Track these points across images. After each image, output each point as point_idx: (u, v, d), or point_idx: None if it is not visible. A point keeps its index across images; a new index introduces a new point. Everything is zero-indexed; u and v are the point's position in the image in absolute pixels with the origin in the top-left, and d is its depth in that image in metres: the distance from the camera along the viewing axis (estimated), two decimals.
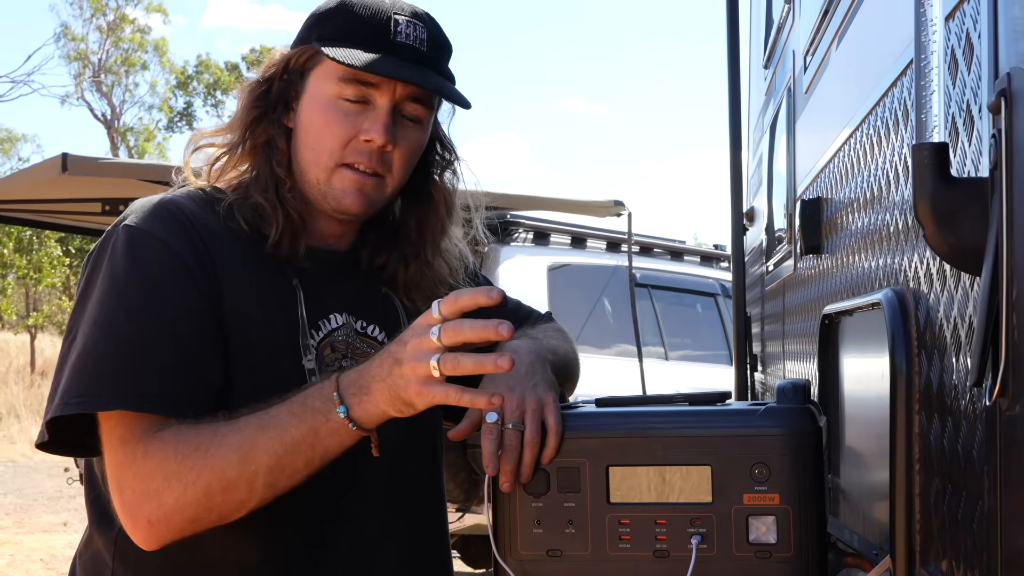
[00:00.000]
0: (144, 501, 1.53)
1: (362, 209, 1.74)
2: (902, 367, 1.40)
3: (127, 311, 1.58)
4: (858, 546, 1.72)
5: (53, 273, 23.29)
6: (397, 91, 1.71)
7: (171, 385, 1.56)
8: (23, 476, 13.80)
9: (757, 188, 4.52)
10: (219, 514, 1.55)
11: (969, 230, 1.05)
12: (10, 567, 8.48)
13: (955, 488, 1.23)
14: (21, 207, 7.55)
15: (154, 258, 1.61)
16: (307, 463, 1.54)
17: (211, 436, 1.53)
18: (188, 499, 1.52)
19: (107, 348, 1.57)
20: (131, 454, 1.54)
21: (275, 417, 1.52)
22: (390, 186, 1.75)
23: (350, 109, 1.70)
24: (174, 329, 1.59)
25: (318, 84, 1.72)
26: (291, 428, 1.52)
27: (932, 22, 1.09)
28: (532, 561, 1.55)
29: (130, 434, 1.55)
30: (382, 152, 1.71)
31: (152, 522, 1.54)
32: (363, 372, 1.52)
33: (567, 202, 7.58)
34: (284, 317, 1.69)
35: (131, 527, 1.57)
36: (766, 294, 3.95)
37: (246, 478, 1.52)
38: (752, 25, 5.05)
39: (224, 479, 1.52)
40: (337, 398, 1.51)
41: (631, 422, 1.55)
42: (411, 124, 1.74)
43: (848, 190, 1.99)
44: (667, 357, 7.99)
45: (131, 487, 1.55)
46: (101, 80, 34.98)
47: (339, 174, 1.71)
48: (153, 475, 1.53)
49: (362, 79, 1.69)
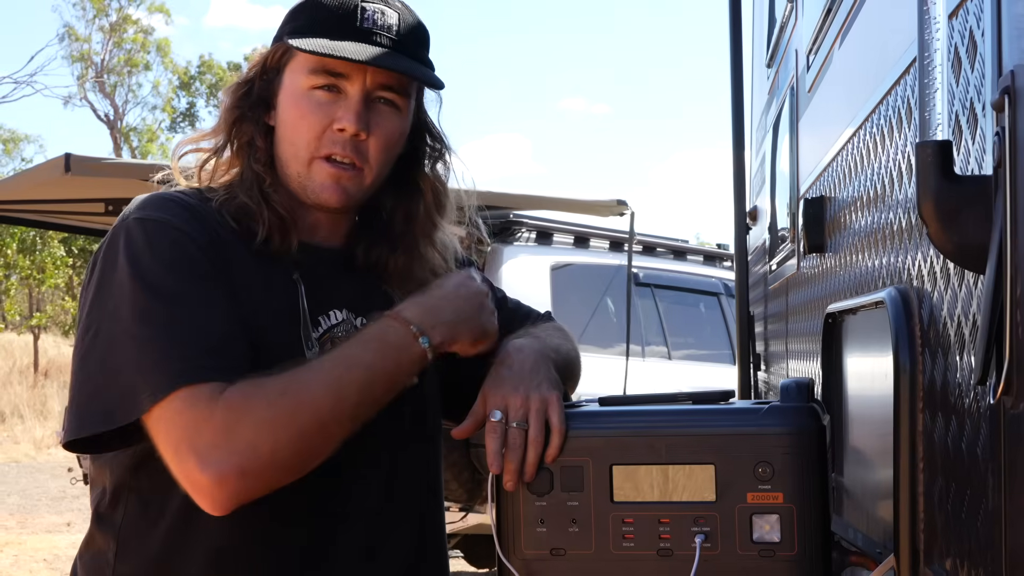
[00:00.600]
0: (233, 453, 1.49)
1: (341, 202, 1.73)
2: (906, 365, 1.40)
3: (159, 296, 1.56)
4: (862, 545, 1.72)
5: (56, 274, 23.29)
6: (367, 78, 1.70)
7: (220, 356, 1.55)
8: (27, 476, 13.82)
9: (760, 187, 4.52)
10: (309, 457, 1.55)
11: (973, 228, 1.05)
12: (14, 567, 8.49)
13: (959, 486, 1.23)
14: (24, 207, 7.56)
15: (173, 244, 1.60)
16: (389, 391, 1.61)
17: (291, 379, 1.54)
18: (282, 443, 1.51)
19: (149, 333, 1.54)
20: (206, 412, 1.49)
21: (354, 356, 1.59)
22: (368, 177, 1.74)
23: (323, 99, 1.70)
24: (208, 307, 1.58)
25: (292, 78, 1.73)
26: (376, 364, 1.59)
27: (935, 20, 1.09)
28: (536, 560, 1.55)
29: (197, 399, 1.50)
30: (356, 141, 1.71)
31: (246, 473, 1.49)
32: (428, 300, 1.68)
33: (570, 202, 7.58)
34: (286, 310, 1.69)
35: (213, 486, 1.50)
36: (769, 293, 3.95)
37: (338, 415, 1.55)
38: (755, 24, 5.05)
39: (318, 419, 1.53)
40: (416, 330, 1.62)
41: (635, 421, 1.55)
42: (387, 111, 1.73)
43: (851, 189, 1.99)
44: (670, 356, 7.99)
45: (212, 441, 1.49)
46: (104, 81, 34.99)
47: (317, 166, 1.71)
48: (241, 423, 1.49)
49: (331, 68, 1.69)
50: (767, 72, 4.29)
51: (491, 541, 1.59)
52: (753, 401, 1.61)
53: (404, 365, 1.61)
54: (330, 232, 1.80)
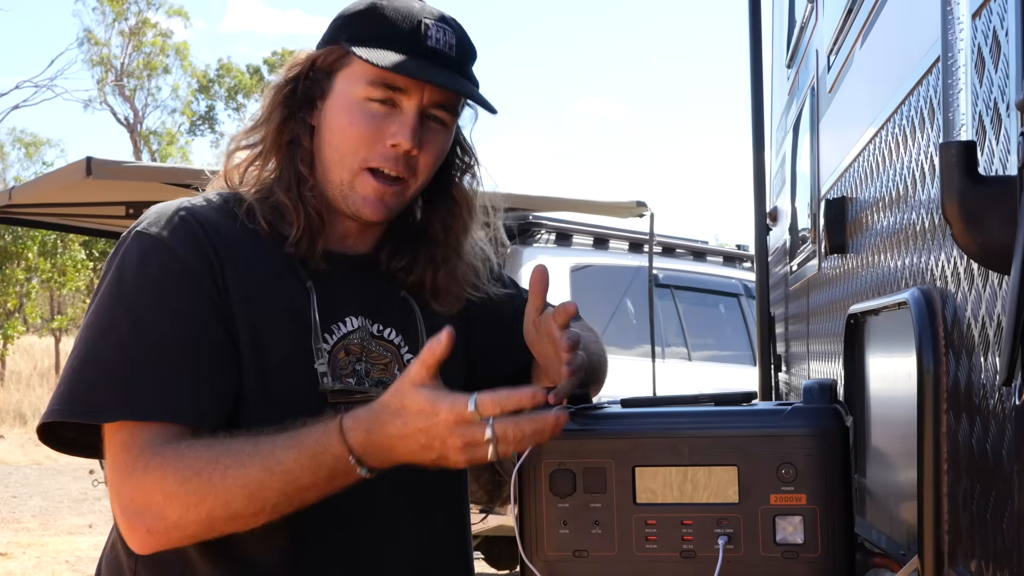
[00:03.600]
0: (144, 512, 1.54)
1: (380, 217, 1.74)
2: (929, 366, 1.39)
3: (131, 318, 1.59)
4: (886, 546, 1.72)
5: (77, 276, 23.40)
6: (425, 96, 1.70)
7: (175, 394, 1.57)
8: (48, 478, 13.88)
9: (780, 188, 4.51)
10: (221, 532, 1.57)
11: (997, 228, 1.04)
12: (36, 569, 8.53)
13: (984, 488, 1.23)
14: (46, 211, 7.61)
15: (163, 266, 1.62)
16: (314, 498, 1.55)
17: (213, 464, 1.52)
18: (190, 519, 1.53)
19: (110, 355, 1.58)
20: (132, 464, 1.55)
21: (282, 463, 1.51)
22: (412, 189, 1.75)
23: (377, 111, 1.70)
24: (179, 337, 1.59)
25: (345, 85, 1.72)
26: (303, 477, 1.51)
27: (959, 20, 1.09)
28: (558, 562, 1.55)
29: (132, 442, 1.56)
30: (408, 156, 1.71)
31: (152, 532, 1.55)
32: (380, 435, 1.48)
33: (590, 203, 7.58)
34: (296, 321, 1.69)
35: (128, 532, 1.58)
36: (790, 294, 3.94)
37: (252, 511, 1.54)
38: (775, 24, 5.04)
39: (228, 510, 1.53)
40: (355, 462, 1.50)
41: (657, 422, 1.55)
42: (437, 128, 1.74)
43: (873, 189, 1.99)
44: (690, 358, 7.98)
45: (130, 496, 1.55)
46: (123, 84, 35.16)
47: (362, 179, 1.71)
48: (152, 491, 1.54)
49: (390, 82, 1.69)
50: (787, 73, 4.28)
51: (511, 542, 1.59)
52: (776, 402, 1.61)
53: (335, 483, 1.53)
54: (357, 241, 1.80)
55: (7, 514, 11.16)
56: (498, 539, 6.85)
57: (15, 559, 8.88)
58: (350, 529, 1.70)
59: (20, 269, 22.87)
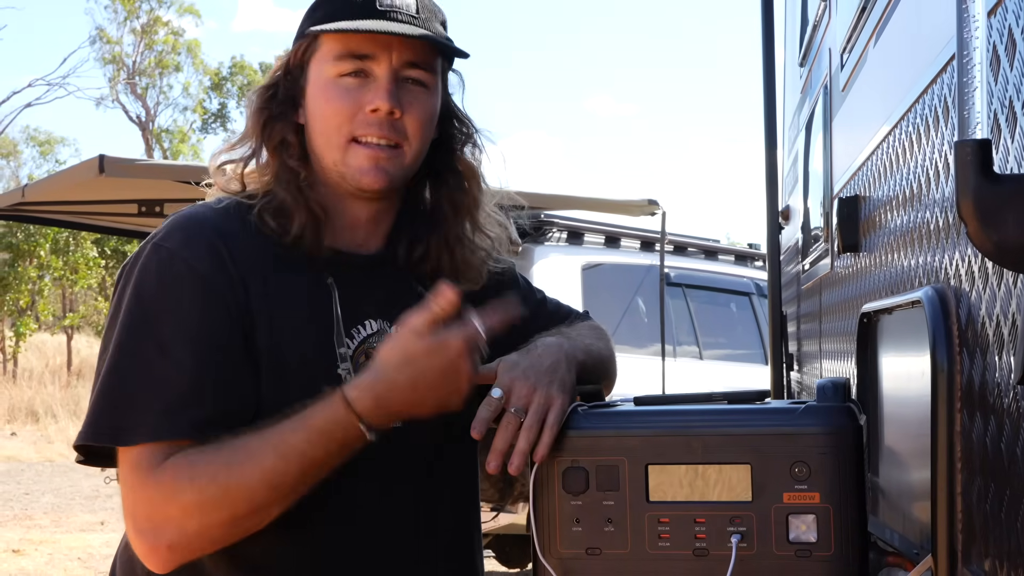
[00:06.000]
0: (162, 529, 1.55)
1: (382, 183, 1.72)
2: (943, 365, 1.39)
3: (152, 337, 1.60)
4: (899, 545, 1.72)
5: (89, 274, 23.49)
6: (393, 57, 1.70)
7: (195, 413, 1.57)
8: (60, 475, 13.92)
9: (792, 186, 4.50)
10: (243, 532, 1.58)
11: (1012, 227, 1.04)
12: (48, 565, 8.56)
13: (998, 487, 1.22)
14: (59, 208, 7.62)
15: (181, 281, 1.62)
16: (328, 471, 1.59)
17: (227, 467, 1.54)
18: (212, 523, 1.55)
19: (130, 374, 1.59)
20: (143, 480, 1.56)
21: (295, 447, 1.55)
22: (408, 155, 1.74)
23: (351, 85, 1.70)
24: (199, 355, 1.59)
25: (318, 69, 1.73)
26: (317, 455, 1.56)
27: (975, 18, 1.08)
28: (572, 559, 1.55)
29: (140, 463, 1.56)
30: (392, 120, 1.70)
31: (173, 547, 1.56)
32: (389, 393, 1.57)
33: (601, 201, 7.58)
34: (318, 324, 1.69)
35: (147, 553, 1.58)
36: (802, 293, 3.94)
37: (274, 500, 1.56)
38: (787, 22, 5.03)
39: (251, 505, 1.55)
40: (364, 428, 1.56)
41: (670, 421, 1.55)
42: (417, 89, 1.73)
43: (887, 188, 1.99)
44: (701, 356, 7.97)
45: (145, 515, 1.56)
46: (135, 82, 35.23)
47: (352, 151, 1.71)
48: (168, 504, 1.54)
49: (355, 51, 1.69)
50: (800, 71, 4.27)
51: (522, 541, 1.60)
52: (789, 401, 1.61)
53: (346, 450, 1.58)
54: (369, 232, 1.79)
55: (20, 511, 11.20)
56: (509, 537, 6.85)
57: (28, 556, 8.91)
58: (358, 527, 1.70)
59: (32, 267, 22.95)
